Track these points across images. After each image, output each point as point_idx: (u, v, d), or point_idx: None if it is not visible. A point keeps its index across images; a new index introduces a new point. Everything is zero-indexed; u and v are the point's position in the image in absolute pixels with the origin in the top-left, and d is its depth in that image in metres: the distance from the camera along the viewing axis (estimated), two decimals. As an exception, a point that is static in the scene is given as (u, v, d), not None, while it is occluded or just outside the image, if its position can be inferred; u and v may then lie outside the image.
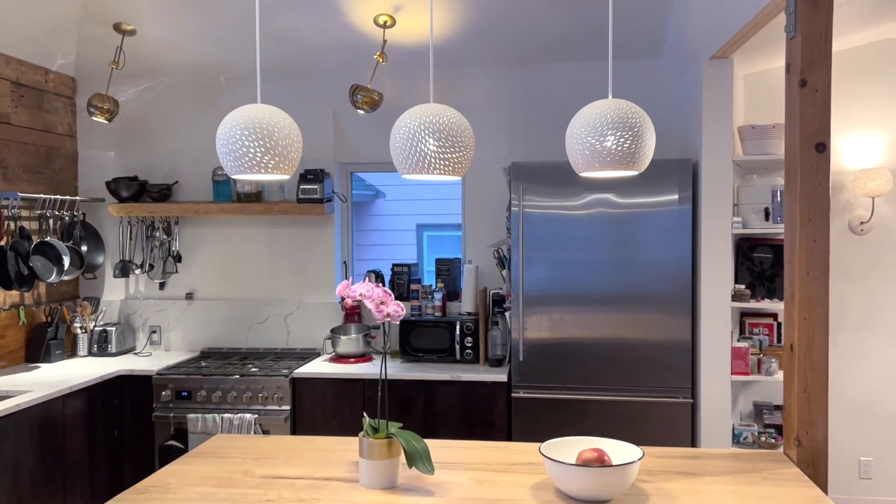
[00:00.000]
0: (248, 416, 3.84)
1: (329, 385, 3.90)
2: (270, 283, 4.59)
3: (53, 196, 4.21)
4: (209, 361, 4.22)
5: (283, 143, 2.01)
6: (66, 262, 4.08)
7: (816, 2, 2.21)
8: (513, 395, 3.76)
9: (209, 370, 4.01)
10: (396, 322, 2.06)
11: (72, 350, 4.43)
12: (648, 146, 1.91)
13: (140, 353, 4.49)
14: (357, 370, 3.94)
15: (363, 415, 2.12)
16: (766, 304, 3.78)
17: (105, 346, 4.39)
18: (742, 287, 3.75)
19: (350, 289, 2.05)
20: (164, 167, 4.60)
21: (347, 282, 2.06)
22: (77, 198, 4.42)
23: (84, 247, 4.40)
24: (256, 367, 4.04)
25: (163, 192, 4.47)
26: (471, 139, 2.02)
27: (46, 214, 4.22)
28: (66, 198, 4.32)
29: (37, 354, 4.18)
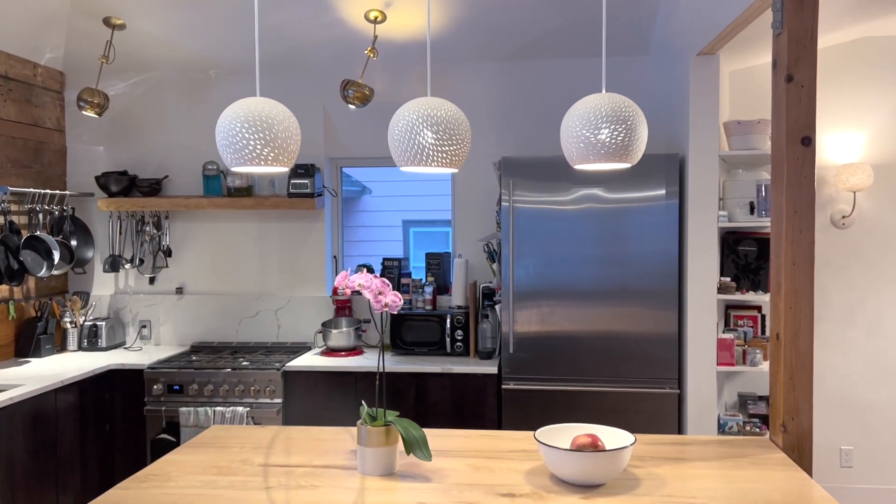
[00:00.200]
0: (241, 410, 3.87)
1: (321, 378, 3.93)
2: (261, 278, 4.61)
3: (42, 190, 4.21)
4: (200, 355, 4.24)
5: (283, 136, 2.04)
6: (56, 257, 4.08)
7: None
8: (503, 387, 3.81)
9: (200, 364, 4.02)
10: (394, 312, 2.09)
11: (62, 345, 4.43)
12: (641, 139, 1.97)
13: (130, 348, 4.50)
14: (349, 363, 3.97)
15: (361, 403, 2.16)
16: (751, 297, 3.85)
17: (95, 341, 4.39)
18: (727, 280, 3.83)
19: (349, 279, 2.08)
20: (154, 162, 4.61)
21: (346, 272, 2.10)
22: (66, 192, 4.41)
23: (73, 241, 4.40)
24: (248, 361, 4.06)
25: (153, 187, 4.47)
26: (468, 132, 2.07)
27: (36, 209, 4.21)
28: (56, 192, 4.31)
29: (27, 349, 4.18)
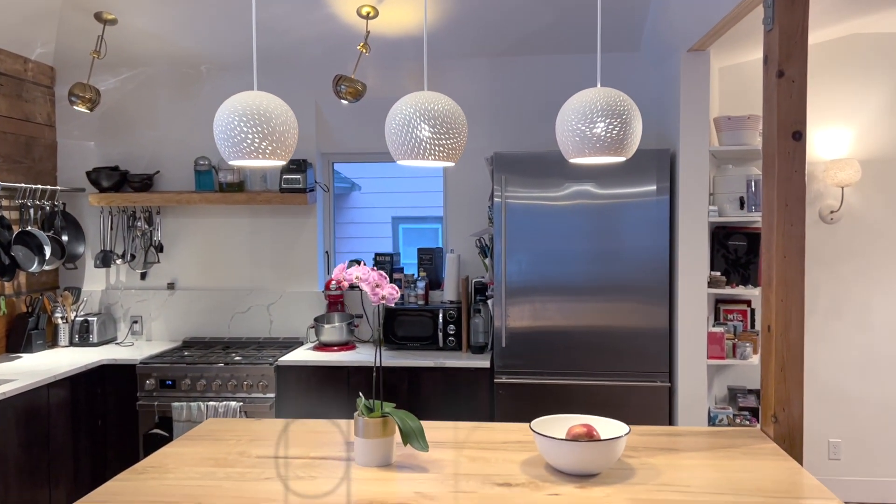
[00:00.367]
0: (233, 404, 3.87)
1: (314, 373, 3.94)
2: (253, 273, 4.61)
3: (33, 186, 4.20)
4: (192, 351, 4.24)
5: (281, 129, 2.05)
6: (48, 252, 4.07)
7: (793, -4, 2.30)
8: (495, 381, 3.83)
9: (193, 359, 4.02)
10: (391, 304, 2.11)
11: (53, 340, 4.41)
12: (636, 133, 1.99)
13: (122, 343, 4.49)
14: (341, 358, 3.98)
15: (359, 395, 2.17)
16: (741, 291, 3.89)
17: (86, 336, 4.38)
18: (717, 274, 3.86)
19: (346, 272, 2.10)
20: (146, 157, 4.60)
21: (343, 265, 2.11)
22: (57, 187, 4.40)
23: (65, 237, 4.38)
24: (240, 356, 4.07)
25: (144, 182, 4.46)
26: (464, 126, 2.08)
27: (27, 204, 4.20)
28: (47, 187, 4.30)
29: (18, 344, 4.16)
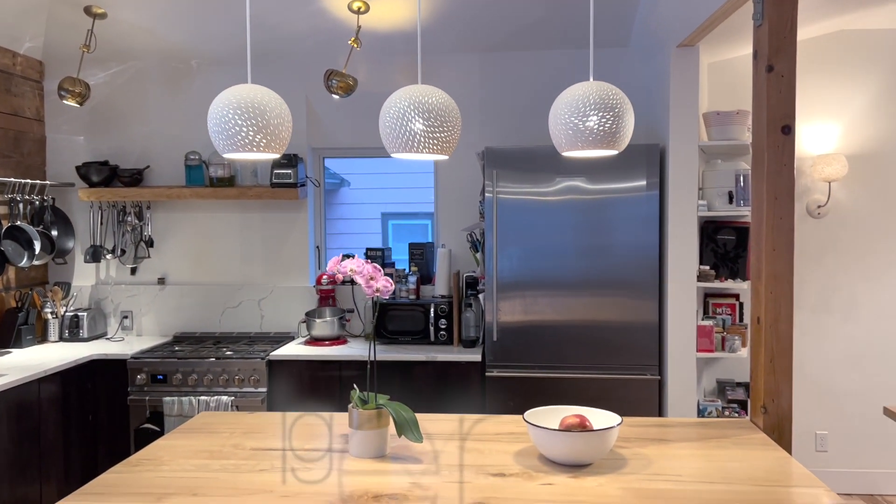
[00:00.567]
0: (225, 399, 3.87)
1: (305, 367, 3.95)
2: (243, 268, 4.61)
3: (22, 180, 4.17)
4: (183, 345, 4.24)
5: (275, 123, 2.06)
6: (37, 247, 4.06)
7: (783, -9, 2.32)
8: (487, 375, 3.85)
9: (184, 353, 4.02)
10: (386, 297, 2.12)
11: (43, 335, 4.40)
12: (628, 126, 2.01)
13: (112, 339, 4.48)
14: (333, 352, 3.99)
15: (353, 387, 2.18)
16: (730, 284, 3.92)
17: (76, 332, 4.37)
18: (707, 268, 3.90)
19: (341, 264, 2.11)
20: (136, 152, 4.58)
21: (338, 258, 2.12)
22: (47, 182, 4.37)
23: (54, 231, 4.36)
24: (231, 351, 4.07)
25: (134, 177, 4.45)
26: (458, 119, 2.10)
27: (17, 199, 4.17)
28: (37, 182, 4.28)
29: (7, 339, 4.14)
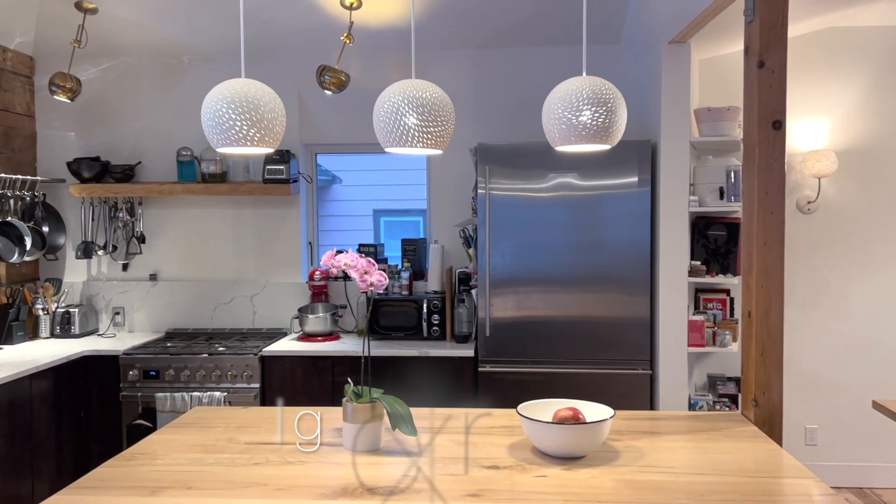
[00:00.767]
0: (218, 395, 3.87)
1: (298, 363, 3.95)
2: (236, 264, 4.61)
3: (13, 176, 4.16)
4: (175, 341, 4.23)
5: (269, 117, 2.06)
6: (28, 243, 4.04)
7: (773, -13, 2.34)
8: (479, 370, 3.86)
9: (176, 349, 4.02)
10: (380, 291, 2.13)
11: (34, 332, 4.38)
12: (621, 121, 2.02)
13: (104, 335, 4.47)
14: (325, 348, 3.99)
15: (347, 381, 2.19)
16: (720, 279, 3.95)
17: (68, 328, 4.36)
18: (698, 263, 3.92)
19: (335, 259, 2.11)
20: (127, 148, 4.57)
21: (332, 252, 2.13)
22: (37, 178, 4.36)
23: (45, 227, 4.35)
24: (224, 347, 4.06)
25: (126, 173, 4.44)
26: (451, 114, 2.10)
27: (7, 195, 4.16)
28: (27, 178, 4.26)
29: (-2, 336, 4.13)
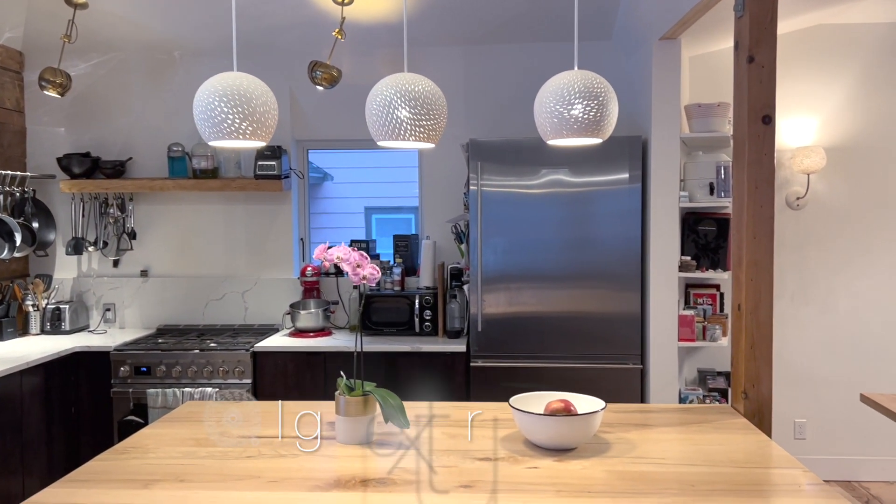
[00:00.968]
0: (209, 390, 3.87)
1: (290, 358, 3.95)
2: (227, 260, 4.60)
3: (2, 172, 4.14)
4: (166, 338, 4.22)
5: (261, 110, 2.06)
6: (18, 239, 4.03)
7: (763, -17, 2.35)
8: (471, 365, 3.88)
9: (168, 345, 4.01)
10: (373, 284, 2.13)
11: (24, 328, 4.36)
12: (613, 115, 2.03)
13: (94, 331, 4.45)
14: (318, 343, 4.00)
15: (340, 374, 2.19)
16: (711, 275, 3.97)
17: (58, 324, 4.34)
18: (688, 258, 3.94)
19: (327, 252, 2.12)
20: (118, 143, 4.55)
21: (325, 245, 2.13)
22: (27, 174, 4.34)
23: (35, 223, 4.33)
24: (215, 343, 4.06)
25: (116, 169, 4.42)
26: (444, 107, 2.11)
27: (-3, 190, 4.15)
28: (17, 174, 4.24)
29: (-12, 332, 4.12)
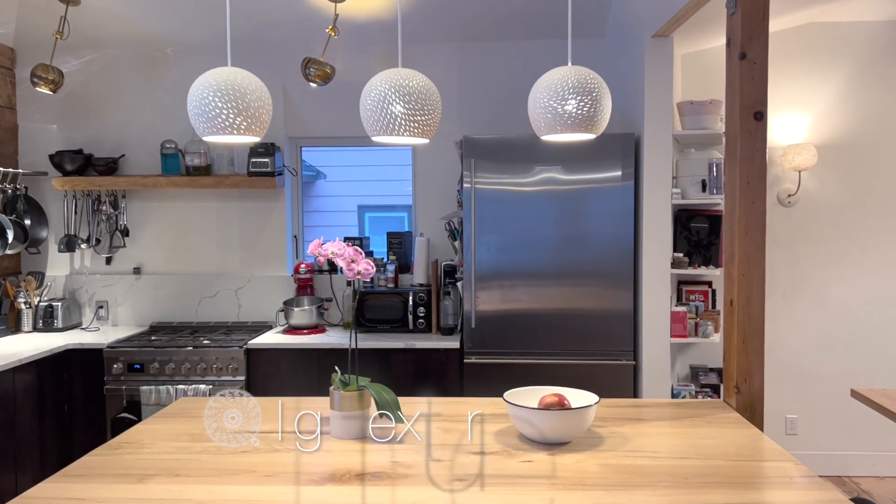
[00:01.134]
0: (203, 387, 3.86)
1: (284, 355, 3.95)
2: (220, 257, 4.59)
3: (-6, 169, 4.13)
4: (160, 335, 4.22)
5: (255, 105, 2.06)
6: (10, 236, 4.01)
7: (755, -20, 2.37)
8: (465, 361, 3.88)
9: (161, 343, 4.01)
10: (367, 279, 2.14)
11: (16, 326, 4.35)
12: (606, 110, 2.04)
13: (87, 329, 4.44)
14: (311, 340, 4.00)
15: (335, 369, 2.20)
16: (703, 271, 3.99)
17: (50, 322, 4.33)
18: (680, 255, 3.96)
19: (322, 247, 2.12)
20: (111, 140, 4.54)
21: (319, 240, 2.13)
22: (19, 171, 4.32)
23: (27, 220, 4.31)
24: (209, 340, 4.06)
25: (109, 166, 4.41)
26: (438, 103, 2.11)
27: (-12, 187, 4.13)
28: (9, 171, 4.23)
29: (-20, 330, 4.10)
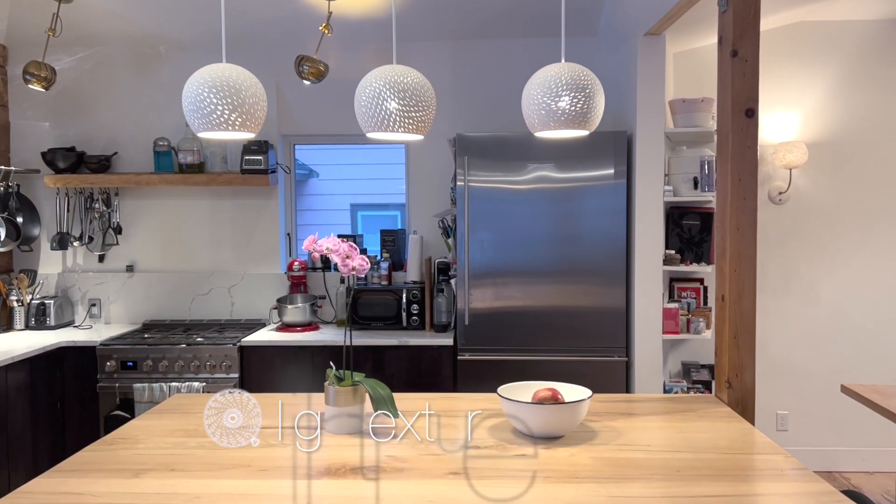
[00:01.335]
0: (196, 385, 3.87)
1: (277, 353, 3.96)
2: (213, 255, 4.59)
3: (-14, 166, 4.12)
4: (153, 332, 4.21)
5: (250, 102, 2.06)
6: (2, 234, 4.00)
7: (746, -22, 2.39)
8: (458, 358, 3.90)
9: (154, 340, 4.00)
10: (362, 275, 2.15)
11: (8, 324, 4.33)
12: (599, 107, 2.06)
13: (80, 326, 4.43)
14: (305, 338, 4.01)
15: (330, 365, 2.21)
16: (695, 268, 4.02)
17: (43, 320, 4.32)
18: (672, 252, 3.99)
19: (317, 243, 2.13)
20: (103, 138, 4.53)
21: (314, 236, 2.14)
22: (11, 168, 4.31)
23: (19, 218, 4.30)
24: (202, 337, 4.06)
25: (102, 164, 4.40)
26: (432, 99, 2.12)
27: (-20, 185, 4.12)
28: (1, 168, 4.21)
29: (-28, 328, 4.09)
